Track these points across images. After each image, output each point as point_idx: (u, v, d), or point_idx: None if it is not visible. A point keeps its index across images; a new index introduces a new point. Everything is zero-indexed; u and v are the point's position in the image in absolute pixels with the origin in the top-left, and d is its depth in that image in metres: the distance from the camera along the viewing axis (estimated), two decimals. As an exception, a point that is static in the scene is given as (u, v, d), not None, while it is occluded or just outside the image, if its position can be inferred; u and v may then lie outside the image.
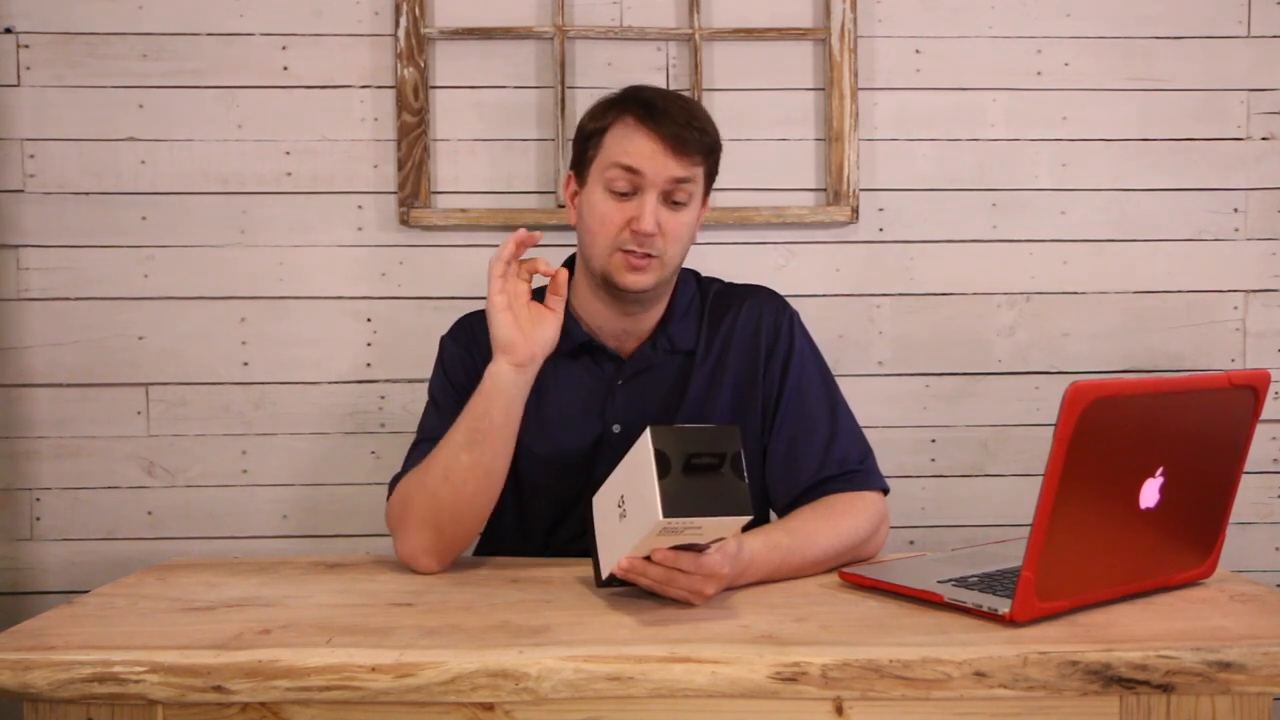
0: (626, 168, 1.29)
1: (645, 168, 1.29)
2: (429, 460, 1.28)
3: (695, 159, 1.31)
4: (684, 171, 1.30)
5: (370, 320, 1.79)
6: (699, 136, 1.30)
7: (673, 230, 1.31)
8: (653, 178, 1.29)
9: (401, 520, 1.29)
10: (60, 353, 1.77)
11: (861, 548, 1.31)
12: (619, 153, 1.30)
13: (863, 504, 1.34)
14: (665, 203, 1.31)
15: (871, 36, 1.81)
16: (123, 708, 0.98)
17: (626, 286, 1.32)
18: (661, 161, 1.29)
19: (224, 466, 1.79)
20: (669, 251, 1.32)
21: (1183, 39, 1.83)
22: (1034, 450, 1.84)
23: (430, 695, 0.96)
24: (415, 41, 1.75)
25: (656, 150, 1.29)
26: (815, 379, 1.43)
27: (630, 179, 1.30)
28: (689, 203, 1.33)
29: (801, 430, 1.39)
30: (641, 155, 1.29)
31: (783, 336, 1.42)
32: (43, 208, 1.76)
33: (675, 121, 1.29)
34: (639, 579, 1.10)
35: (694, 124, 1.30)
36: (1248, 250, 1.85)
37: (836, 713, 0.98)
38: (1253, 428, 1.13)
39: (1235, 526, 1.79)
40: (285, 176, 1.78)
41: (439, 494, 1.26)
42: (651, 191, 1.29)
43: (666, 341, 1.40)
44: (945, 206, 1.83)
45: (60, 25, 1.75)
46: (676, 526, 1.01)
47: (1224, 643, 0.97)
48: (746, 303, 1.44)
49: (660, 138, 1.28)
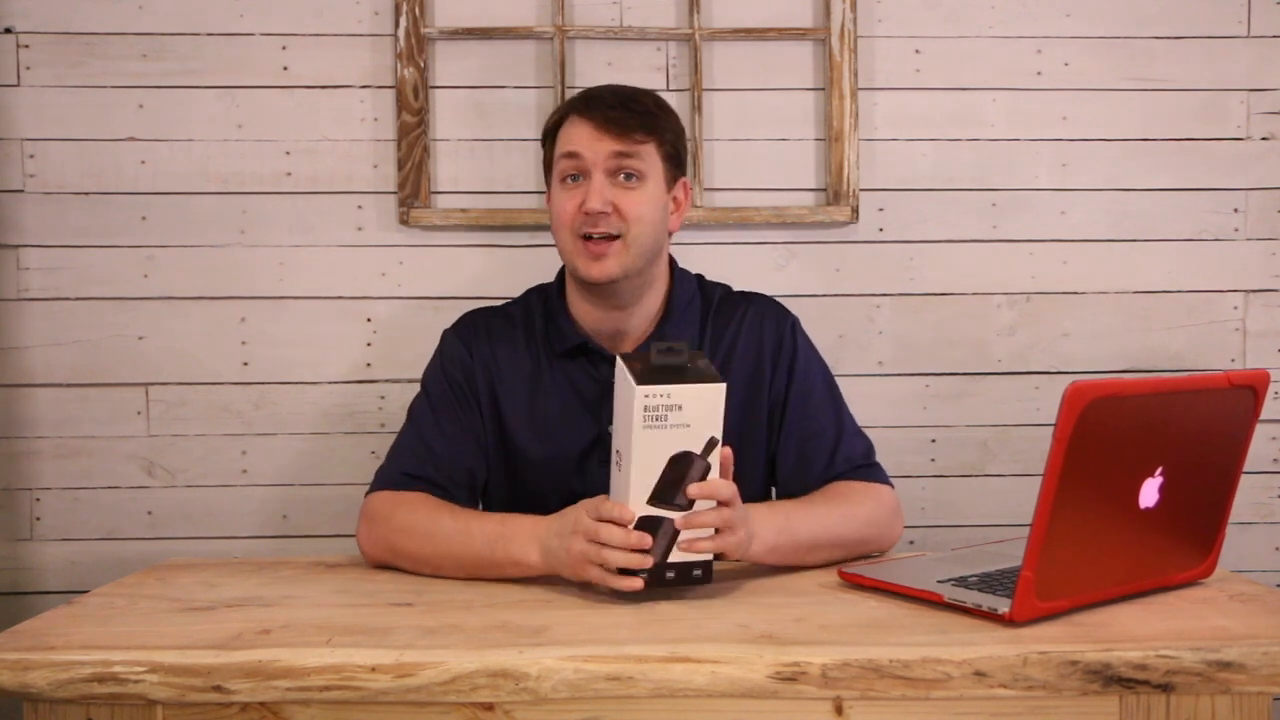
0: (568, 154, 1.34)
1: (583, 150, 1.33)
2: (420, 519, 1.28)
3: (636, 135, 1.33)
4: (623, 147, 1.32)
5: (370, 320, 1.79)
6: (637, 114, 1.33)
7: (628, 208, 1.32)
8: (593, 158, 1.32)
9: (369, 531, 1.32)
10: (60, 353, 1.77)
11: (878, 535, 1.33)
12: (563, 143, 1.35)
13: (873, 492, 1.37)
14: (615, 183, 1.33)
15: (871, 36, 1.80)
16: (123, 708, 0.98)
17: (591, 277, 1.33)
18: (598, 142, 1.32)
19: (224, 466, 1.79)
20: (631, 231, 1.33)
21: (1183, 39, 1.83)
22: (1034, 450, 1.84)
23: (430, 695, 0.96)
24: (415, 41, 1.75)
25: (592, 132, 1.32)
26: (820, 384, 1.44)
27: (575, 164, 1.34)
28: (643, 181, 1.34)
29: (809, 435, 1.41)
30: (580, 139, 1.33)
31: (786, 343, 1.43)
32: (43, 208, 1.76)
33: (609, 104, 1.33)
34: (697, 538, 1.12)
35: (630, 104, 1.34)
36: (1248, 250, 1.85)
37: (836, 713, 0.98)
38: (1252, 428, 1.13)
39: (1235, 526, 1.79)
40: (285, 176, 1.78)
41: (410, 554, 1.28)
42: (596, 172, 1.32)
43: None
44: (945, 206, 1.83)
45: (60, 25, 1.74)
46: (656, 403, 1.07)
47: (1224, 642, 0.97)
48: (749, 310, 1.45)
49: (595, 120, 1.33)
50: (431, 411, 1.40)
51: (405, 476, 1.36)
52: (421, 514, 1.29)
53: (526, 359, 1.42)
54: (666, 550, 1.12)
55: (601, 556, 1.12)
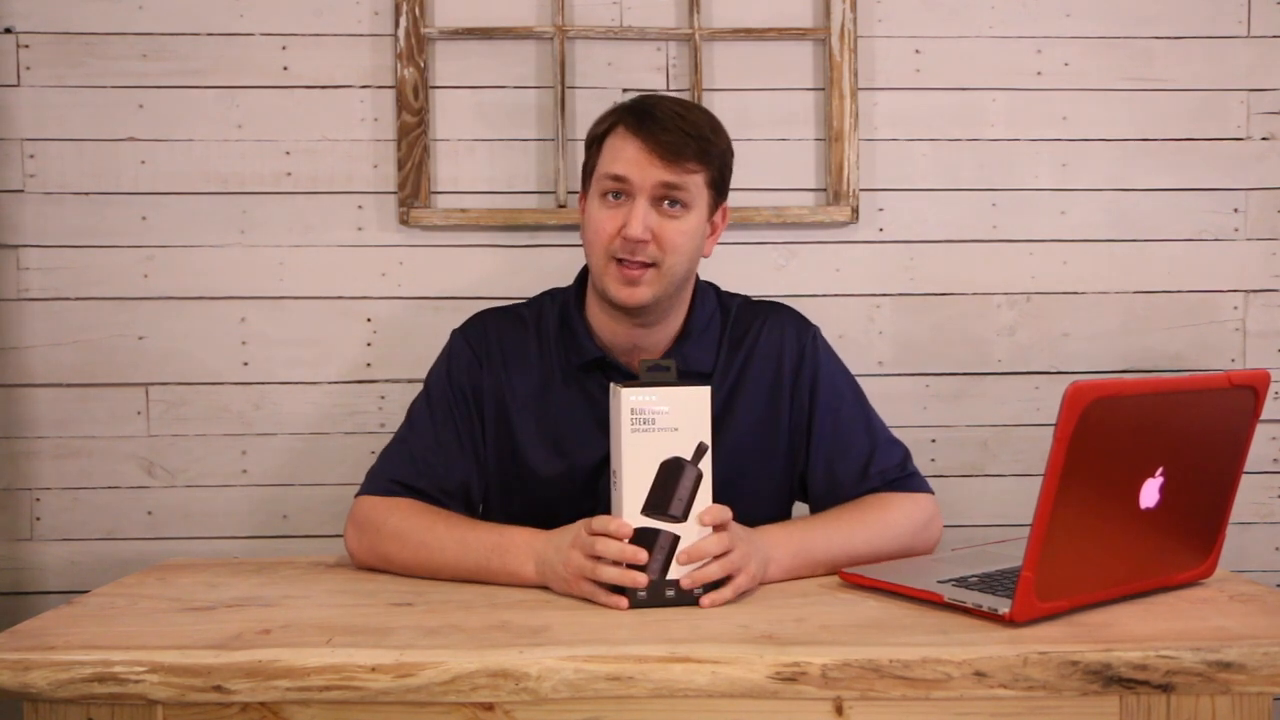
0: (614, 176, 1.28)
1: (632, 174, 1.27)
2: (413, 526, 1.27)
3: (688, 165, 1.27)
4: (673, 178, 1.27)
5: (370, 320, 1.79)
6: (691, 142, 1.27)
7: (669, 238, 1.28)
8: (640, 184, 1.27)
9: (359, 537, 1.32)
10: (60, 353, 1.77)
11: (910, 544, 1.32)
12: (609, 161, 1.29)
13: (898, 501, 1.34)
14: (658, 209, 1.28)
15: (871, 36, 1.80)
16: (123, 708, 0.98)
17: (621, 301, 1.29)
18: (648, 168, 1.27)
19: (224, 466, 1.79)
20: (667, 261, 1.29)
21: (1183, 39, 1.83)
22: (1034, 450, 1.84)
23: (430, 695, 0.96)
24: (415, 41, 1.75)
25: (643, 157, 1.27)
26: (847, 396, 1.41)
27: (620, 186, 1.28)
28: (688, 211, 1.29)
29: (839, 451, 1.38)
30: (629, 162, 1.27)
31: (808, 357, 1.40)
32: (43, 208, 1.76)
33: (664, 127, 1.27)
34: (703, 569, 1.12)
35: (686, 130, 1.27)
36: (1248, 250, 1.85)
37: (836, 713, 0.98)
38: (1253, 428, 1.13)
39: (1235, 526, 1.79)
40: (285, 176, 1.78)
41: (403, 561, 1.28)
42: (641, 197, 1.27)
43: (681, 361, 1.33)
44: (945, 206, 1.83)
45: (60, 25, 1.74)
46: (641, 405, 1.09)
47: (1224, 643, 0.97)
48: (767, 322, 1.42)
49: (647, 144, 1.27)
50: (430, 417, 1.38)
51: (395, 484, 1.34)
52: (415, 521, 1.28)
53: (538, 368, 1.39)
54: (665, 565, 1.12)
55: (596, 573, 1.12)
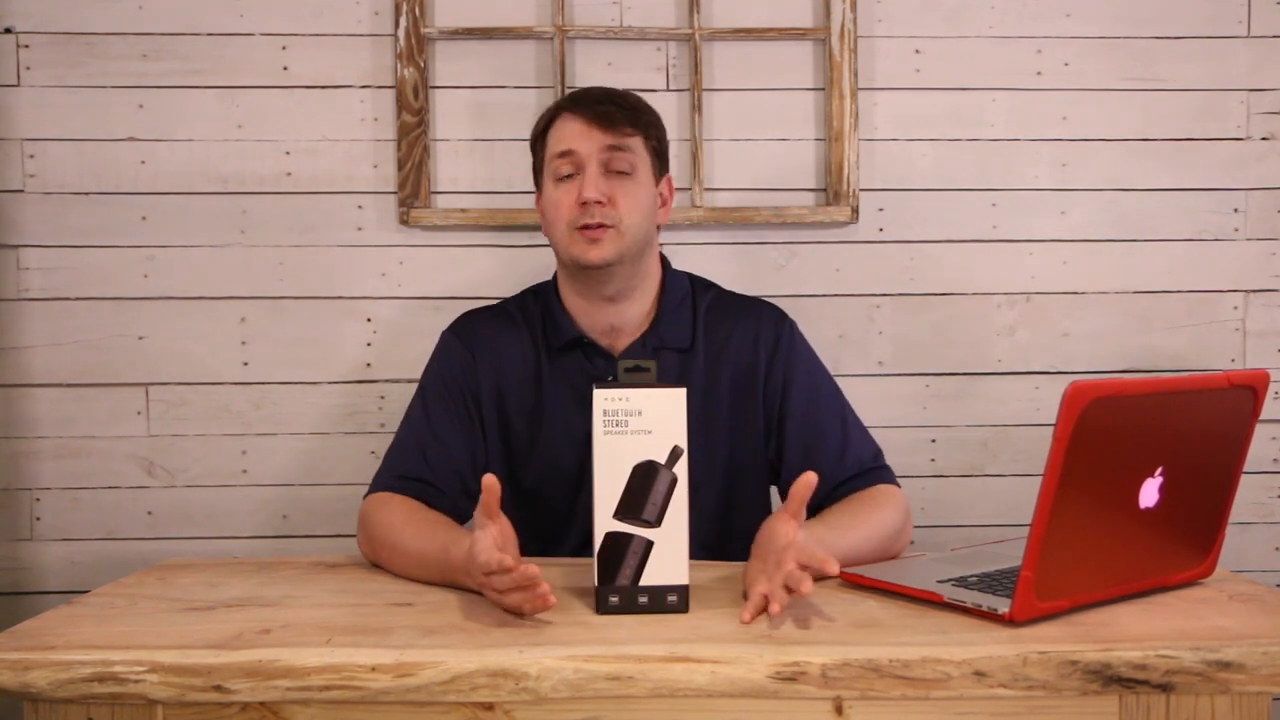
0: (563, 152, 1.37)
1: (578, 145, 1.36)
2: (387, 532, 1.29)
3: (624, 129, 1.36)
4: (614, 140, 1.36)
5: (370, 320, 1.79)
6: (625, 111, 1.37)
7: (623, 199, 1.36)
8: (587, 153, 1.36)
9: (361, 535, 1.35)
10: (60, 353, 1.77)
11: (895, 542, 1.32)
12: (556, 143, 1.38)
13: (884, 495, 1.36)
14: (609, 177, 1.36)
15: (871, 36, 1.80)
16: (123, 708, 0.98)
17: (588, 261, 1.35)
18: (590, 135, 1.36)
19: (224, 466, 1.79)
20: (625, 221, 1.35)
21: (1183, 39, 1.83)
22: (1034, 450, 1.84)
23: (430, 695, 0.96)
24: (415, 41, 1.75)
25: (584, 129, 1.36)
26: (822, 388, 1.44)
27: (570, 161, 1.37)
28: (633, 172, 1.37)
29: (814, 440, 1.40)
30: (573, 136, 1.37)
31: (783, 347, 1.43)
32: (43, 208, 1.76)
33: (598, 100, 1.38)
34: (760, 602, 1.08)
35: (618, 102, 1.38)
36: (1248, 250, 1.85)
37: (836, 712, 0.98)
38: (1252, 428, 1.13)
39: (1235, 526, 1.79)
40: (285, 176, 1.78)
41: (386, 563, 1.30)
42: (590, 165, 1.35)
43: (658, 339, 1.41)
44: (945, 206, 1.83)
45: (60, 25, 1.74)
46: (614, 406, 1.08)
47: (1223, 642, 0.97)
48: (743, 313, 1.46)
49: (586, 117, 1.36)
50: (426, 413, 1.41)
51: (397, 479, 1.37)
52: (391, 528, 1.29)
53: (530, 354, 1.44)
54: (638, 571, 1.08)
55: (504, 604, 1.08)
